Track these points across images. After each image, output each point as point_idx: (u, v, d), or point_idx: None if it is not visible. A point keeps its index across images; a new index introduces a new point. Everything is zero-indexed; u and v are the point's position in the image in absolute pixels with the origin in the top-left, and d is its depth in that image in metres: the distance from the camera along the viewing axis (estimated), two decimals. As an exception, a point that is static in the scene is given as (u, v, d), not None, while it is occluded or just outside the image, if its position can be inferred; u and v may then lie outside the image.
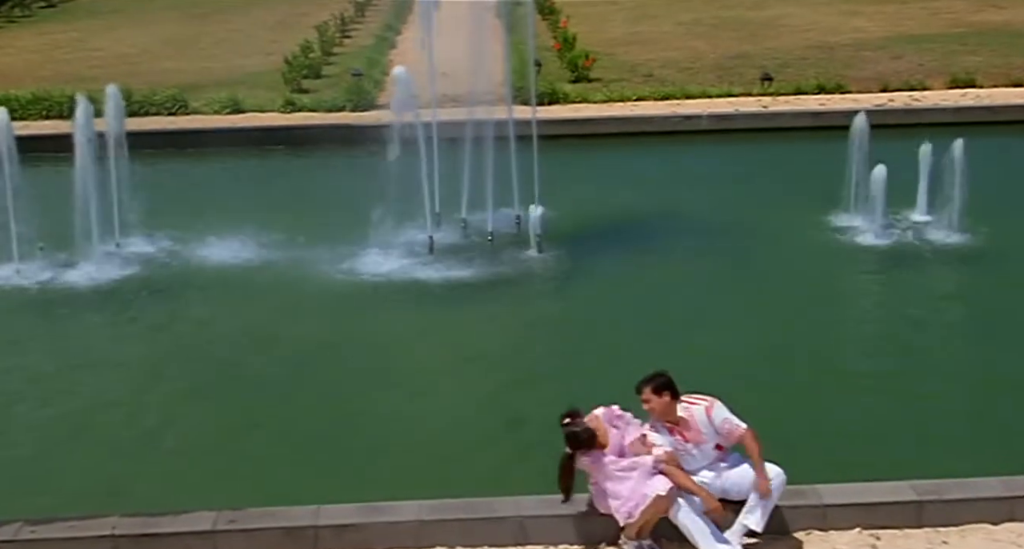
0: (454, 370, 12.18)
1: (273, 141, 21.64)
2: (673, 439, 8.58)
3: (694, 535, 8.37)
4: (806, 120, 21.98)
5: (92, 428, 11.04)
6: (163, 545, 8.57)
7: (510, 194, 16.57)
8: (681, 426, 8.58)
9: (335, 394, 11.64)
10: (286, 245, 16.01)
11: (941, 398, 11.30)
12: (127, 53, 31.86)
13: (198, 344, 13.05)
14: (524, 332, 13.25)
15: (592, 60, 26.57)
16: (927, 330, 13.05)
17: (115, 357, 12.71)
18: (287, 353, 12.68)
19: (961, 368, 12.04)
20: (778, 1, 38.21)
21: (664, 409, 8.54)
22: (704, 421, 8.56)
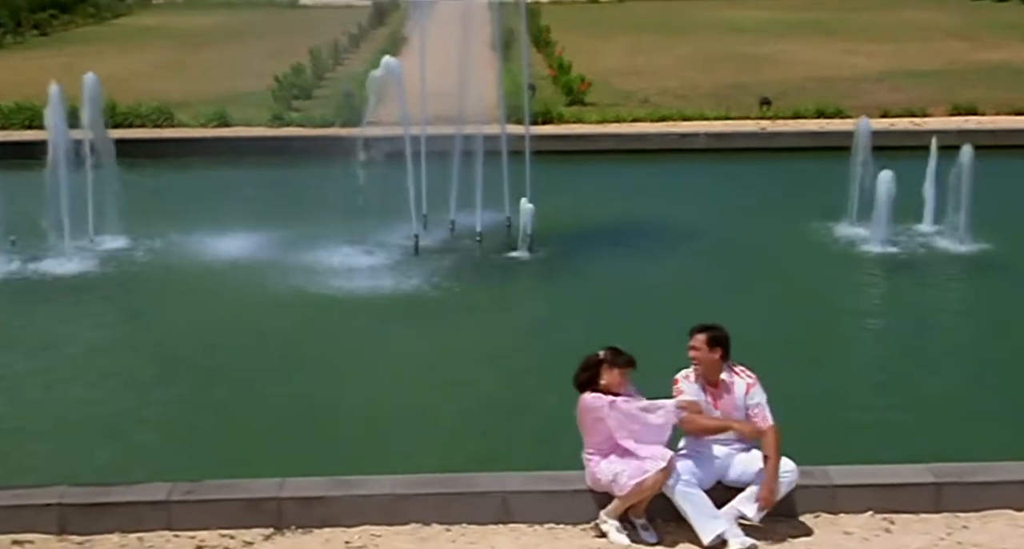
0: (431, 361, 11.51)
1: (259, 151, 21.00)
2: (704, 399, 7.92)
3: (688, 511, 7.68)
4: (806, 140, 21.47)
5: (41, 407, 10.44)
6: (113, 515, 7.85)
7: (501, 200, 16.01)
8: (719, 389, 7.93)
9: (306, 382, 11.03)
10: (266, 244, 15.45)
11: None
12: (116, 74, 31.15)
13: (164, 334, 12.46)
14: (506, 330, 12.64)
15: (587, 84, 26.13)
16: (940, 331, 12.46)
17: (74, 342, 12.18)
18: (256, 344, 12.13)
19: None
20: (775, 38, 38.03)
21: (710, 364, 7.91)
22: (741, 395, 7.91)
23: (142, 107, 23.44)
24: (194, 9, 50.97)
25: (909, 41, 36.96)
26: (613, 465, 7.74)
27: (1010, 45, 35.60)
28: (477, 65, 17.24)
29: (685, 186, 19.03)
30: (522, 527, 7.92)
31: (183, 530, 7.84)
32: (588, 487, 7.94)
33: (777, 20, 44.67)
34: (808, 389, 10.50)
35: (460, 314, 13.05)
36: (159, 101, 24.07)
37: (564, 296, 13.77)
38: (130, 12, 51.85)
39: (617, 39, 38.70)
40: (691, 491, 7.67)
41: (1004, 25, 41.35)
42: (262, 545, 7.76)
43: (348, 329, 12.51)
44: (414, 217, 15.17)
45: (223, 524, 7.85)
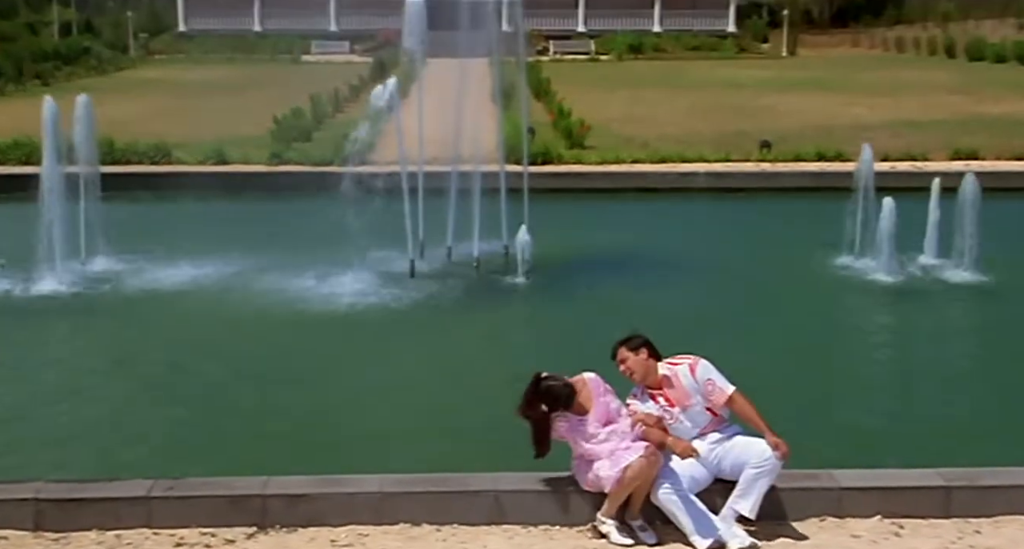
0: (417, 376, 11.26)
1: (256, 186, 20.84)
2: (657, 406, 7.62)
3: (678, 517, 7.36)
4: (806, 180, 21.35)
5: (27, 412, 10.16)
6: (91, 511, 7.52)
7: (499, 231, 15.83)
8: (664, 387, 7.63)
9: (291, 395, 10.75)
10: (259, 269, 15.23)
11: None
12: (115, 118, 31.13)
13: (156, 349, 12.19)
14: (496, 348, 12.38)
15: (587, 128, 26.07)
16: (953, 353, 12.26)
17: (60, 355, 12.00)
18: (240, 360, 11.87)
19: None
20: (775, 92, 38.17)
21: (643, 369, 7.61)
22: (688, 379, 7.60)
23: (140, 144, 23.32)
24: (197, 63, 51.22)
25: (909, 96, 37.10)
26: (596, 463, 7.46)
27: (1010, 99, 35.72)
28: (477, 113, 17.16)
29: (685, 221, 18.86)
30: (516, 528, 7.59)
31: (163, 528, 7.51)
32: (583, 488, 7.63)
33: (776, 78, 44.94)
34: (816, 408, 10.21)
35: (451, 331, 12.83)
36: (157, 139, 23.95)
37: (560, 320, 13.51)
38: (132, 65, 52.14)
39: (617, 92, 38.84)
40: (678, 497, 7.33)
41: (1004, 83, 41.58)
42: (244, 544, 7.43)
43: (332, 346, 12.31)
44: (410, 243, 14.97)
45: (204, 522, 7.53)
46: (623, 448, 7.40)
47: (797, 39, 62.21)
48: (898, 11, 70.49)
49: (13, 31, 56.87)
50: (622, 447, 7.41)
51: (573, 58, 55.56)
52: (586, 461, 7.54)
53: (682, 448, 7.45)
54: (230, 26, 60.20)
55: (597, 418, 7.55)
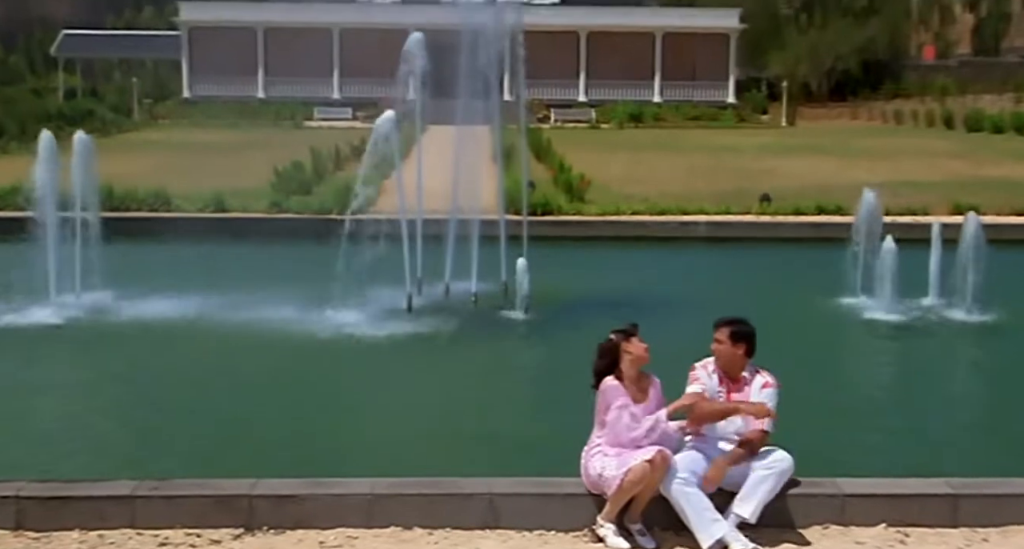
0: (415, 398, 11.08)
1: (255, 232, 20.76)
2: (718, 389, 7.49)
3: (687, 511, 7.16)
4: (806, 230, 21.29)
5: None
6: (73, 510, 7.31)
7: (497, 270, 15.70)
8: (738, 384, 7.51)
9: (290, 408, 10.61)
10: (254, 304, 15.04)
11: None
12: (116, 173, 31.16)
13: (152, 369, 12.14)
14: (490, 377, 12.21)
15: (587, 182, 26.08)
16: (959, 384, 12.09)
17: (50, 376, 11.94)
18: (234, 377, 11.92)
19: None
20: (774, 155, 38.32)
21: (731, 359, 7.51)
22: (756, 391, 7.49)
23: (139, 192, 23.30)
24: (200, 127, 51.49)
25: (908, 160, 37.23)
26: (605, 459, 7.27)
27: (1010, 164, 35.84)
28: (477, 170, 17.14)
29: (685, 266, 18.78)
30: (510, 532, 7.37)
31: (147, 528, 7.29)
32: (582, 491, 7.43)
33: (775, 144, 45.18)
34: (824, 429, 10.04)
35: (447, 359, 12.69)
36: (157, 187, 23.95)
37: (557, 351, 13.33)
38: (136, 128, 52.42)
39: (617, 154, 38.99)
40: (690, 490, 7.18)
41: (1003, 150, 41.77)
42: (230, 544, 7.21)
43: (325, 372, 12.23)
44: (408, 279, 14.85)
45: (190, 522, 7.31)
46: (631, 450, 7.23)
47: (796, 111, 62.68)
48: (896, 85, 71.03)
49: (18, 95, 57.27)
50: (631, 449, 7.24)
51: (574, 126, 55.87)
52: (600, 451, 7.33)
53: (757, 409, 7.34)
54: (234, 93, 60.64)
55: (647, 410, 7.39)
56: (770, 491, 7.26)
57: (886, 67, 74.00)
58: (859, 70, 71.82)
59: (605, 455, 7.32)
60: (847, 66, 70.86)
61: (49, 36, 73.25)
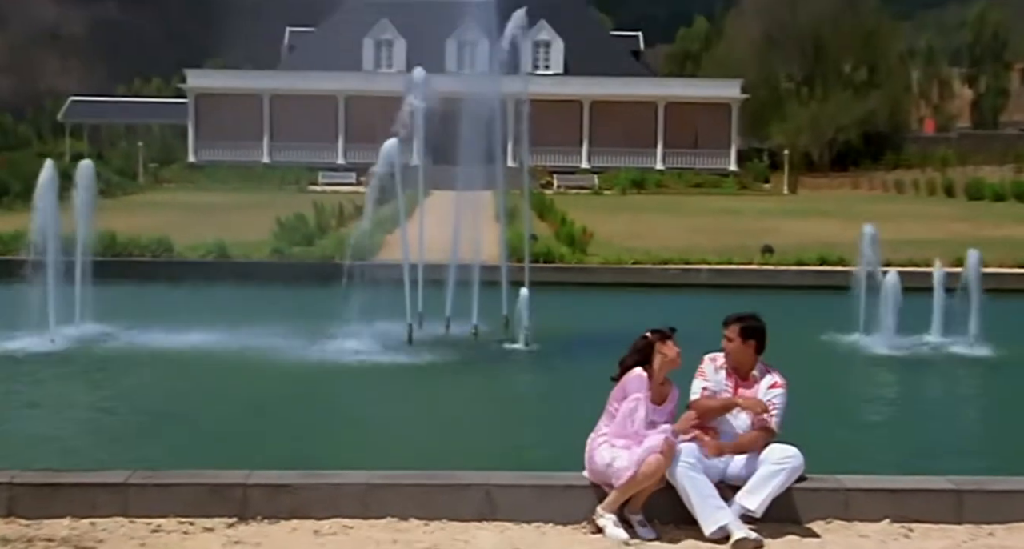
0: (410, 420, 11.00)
1: (258, 274, 20.73)
2: (725, 384, 7.43)
3: (691, 495, 7.07)
4: (809, 278, 21.31)
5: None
6: (65, 498, 7.22)
7: (498, 306, 15.66)
8: (748, 382, 7.44)
9: (286, 425, 10.51)
10: (253, 335, 15.03)
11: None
12: (120, 229, 31.47)
13: (151, 391, 12.06)
14: (486, 404, 12.11)
15: (589, 235, 26.13)
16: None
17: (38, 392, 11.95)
18: (234, 397, 11.95)
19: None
20: (776, 217, 38.43)
21: (741, 356, 7.44)
22: (764, 390, 7.43)
23: (142, 239, 23.36)
24: (204, 190, 51.76)
25: (910, 222, 37.27)
26: (613, 450, 7.18)
27: (1011, 226, 35.93)
28: (479, 226, 17.20)
29: (687, 309, 18.58)
30: (507, 525, 7.26)
31: (139, 517, 7.19)
32: (580, 484, 7.34)
33: (777, 208, 45.36)
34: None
35: (445, 386, 12.63)
36: (160, 234, 24.02)
37: (556, 379, 13.28)
38: (141, 191, 52.69)
39: (619, 215, 39.12)
40: (696, 475, 7.09)
41: (1004, 215, 41.93)
42: (224, 532, 7.10)
43: (323, 396, 12.22)
44: (408, 312, 14.81)
45: (183, 511, 7.22)
46: (639, 443, 7.16)
47: (798, 180, 62.99)
48: (897, 156, 71.52)
49: (24, 159, 57.63)
50: (639, 442, 7.18)
51: (577, 192, 56.11)
52: (607, 442, 7.25)
53: (754, 403, 7.31)
54: (239, 157, 61.03)
55: (661, 414, 7.35)
56: (779, 487, 7.18)
57: (887, 139, 74.59)
58: (860, 141, 72.37)
59: (613, 446, 7.23)
60: (848, 137, 71.41)
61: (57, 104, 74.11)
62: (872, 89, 75.33)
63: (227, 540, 6.93)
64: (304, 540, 6.97)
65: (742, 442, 7.30)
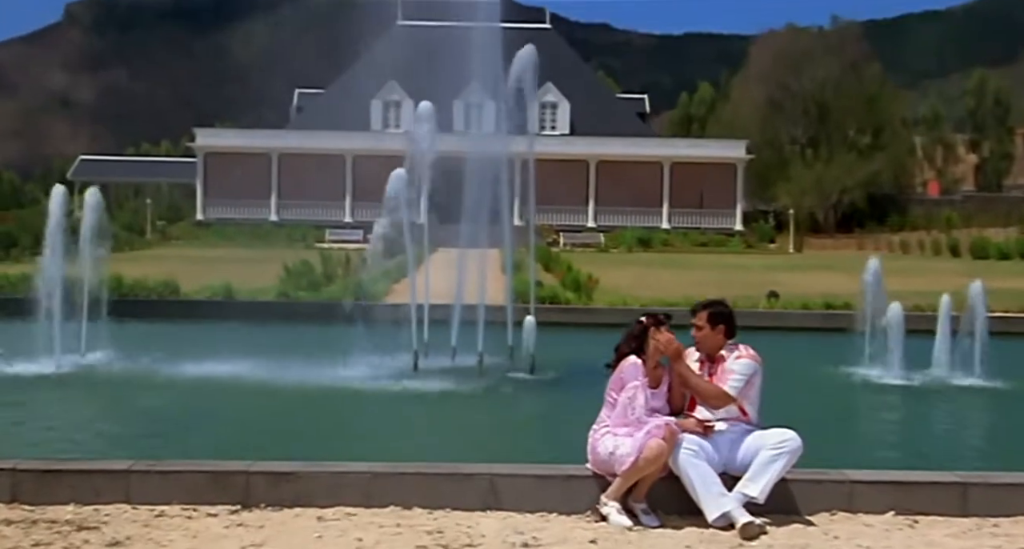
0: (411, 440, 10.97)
1: (264, 313, 20.76)
2: (700, 374, 7.46)
3: (695, 483, 7.04)
4: (815, 320, 21.30)
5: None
6: (68, 484, 7.22)
7: (504, 337, 15.68)
8: (716, 365, 7.46)
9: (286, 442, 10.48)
10: (259, 364, 15.03)
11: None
12: (127, 274, 31.60)
13: (157, 410, 12.01)
14: (489, 430, 12.05)
15: (595, 281, 26.18)
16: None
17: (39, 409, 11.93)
18: (237, 417, 11.85)
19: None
20: (782, 272, 38.49)
21: (710, 342, 7.48)
22: (730, 364, 7.44)
23: (148, 281, 23.45)
24: (212, 246, 52.01)
25: (916, 277, 37.31)
26: (616, 438, 7.18)
27: (1018, 279, 35.94)
28: (485, 275, 17.31)
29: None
30: (511, 514, 7.24)
31: (142, 503, 7.18)
32: (583, 474, 7.32)
33: (783, 264, 45.49)
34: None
35: (447, 407, 12.60)
36: (167, 277, 24.11)
37: (560, 403, 13.22)
38: (149, 246, 52.91)
39: (626, 269, 39.17)
40: (699, 462, 7.08)
41: (1010, 271, 41.94)
42: (227, 518, 7.08)
43: (324, 416, 12.18)
44: (414, 341, 14.82)
45: (186, 499, 7.21)
46: (639, 428, 7.17)
47: (803, 241, 63.17)
48: (902, 218, 71.76)
49: (32, 215, 58.00)
50: (637, 428, 7.20)
51: (583, 249, 56.30)
52: (609, 432, 7.25)
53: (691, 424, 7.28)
54: (247, 215, 61.45)
55: (659, 396, 7.39)
56: (779, 471, 7.14)
57: (892, 201, 74.93)
58: (865, 203, 72.71)
59: (615, 435, 7.24)
60: (853, 198, 71.72)
61: (66, 164, 74.72)
62: (876, 152, 75.82)
63: (230, 523, 6.91)
64: (307, 524, 6.95)
65: (697, 383, 7.31)
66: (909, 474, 7.61)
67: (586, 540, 6.77)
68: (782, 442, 7.18)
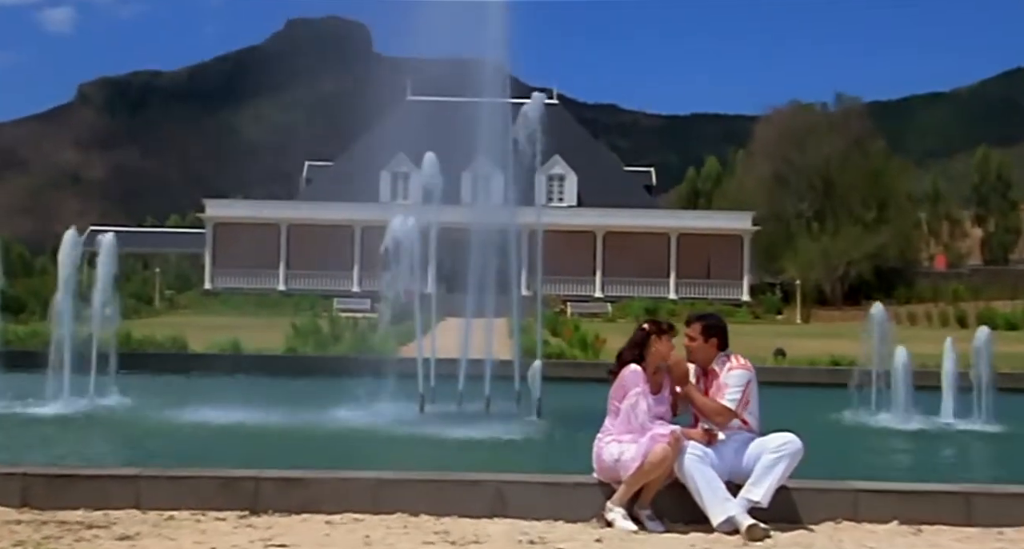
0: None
1: (272, 367, 20.82)
2: (698, 386, 7.57)
3: (700, 487, 7.10)
4: (822, 376, 21.25)
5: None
6: (78, 489, 7.30)
7: (511, 384, 15.71)
8: (709, 377, 7.56)
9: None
10: (266, 410, 15.06)
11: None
12: (136, 333, 31.72)
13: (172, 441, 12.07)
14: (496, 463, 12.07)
15: (603, 341, 26.24)
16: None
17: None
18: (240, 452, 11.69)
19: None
20: (789, 337, 38.50)
21: (703, 354, 7.59)
22: (724, 375, 7.55)
23: (156, 336, 23.58)
24: (219, 314, 52.17)
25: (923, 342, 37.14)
26: (621, 445, 7.26)
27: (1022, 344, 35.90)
28: (493, 338, 17.43)
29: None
30: (518, 521, 7.28)
31: (152, 509, 7.24)
32: (590, 482, 7.38)
33: (789, 331, 45.53)
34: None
35: (452, 446, 12.59)
36: (175, 333, 24.24)
37: (567, 442, 13.22)
38: (157, 315, 53.08)
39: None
40: (704, 468, 7.14)
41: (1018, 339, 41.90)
42: (236, 522, 7.13)
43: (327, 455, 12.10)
44: (420, 384, 14.87)
45: (195, 504, 7.28)
46: (647, 436, 7.25)
47: (811, 312, 63.21)
48: (909, 290, 71.80)
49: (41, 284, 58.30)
50: (641, 434, 7.28)
51: (591, 319, 56.36)
52: (614, 439, 7.33)
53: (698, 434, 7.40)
54: (255, 285, 61.74)
55: (661, 400, 7.47)
56: (781, 474, 7.21)
57: (899, 274, 75.03)
58: (872, 276, 72.79)
59: (620, 441, 7.32)
60: (859, 271, 71.85)
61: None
62: (882, 225, 76.14)
63: (240, 525, 6.96)
64: (316, 528, 7.00)
65: (700, 400, 7.39)
66: (913, 484, 7.63)
67: (592, 540, 6.81)
68: (782, 446, 7.26)
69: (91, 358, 16.08)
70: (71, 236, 15.76)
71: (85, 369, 16.01)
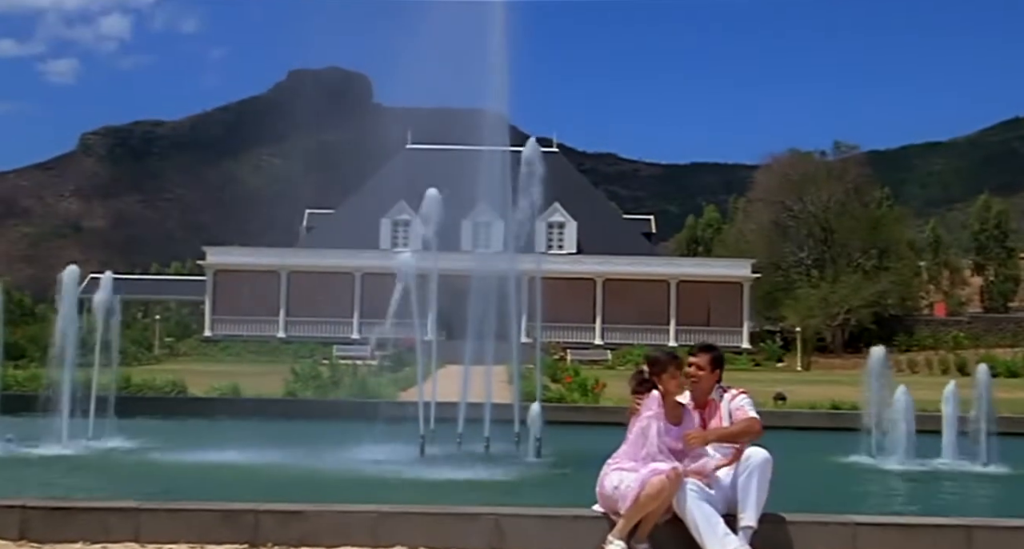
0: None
1: (272, 411, 20.78)
2: (696, 423, 7.60)
3: (699, 524, 7.11)
4: (823, 420, 21.27)
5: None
6: (77, 522, 7.30)
7: (510, 425, 15.70)
8: (707, 409, 7.59)
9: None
10: (268, 451, 15.05)
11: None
12: (136, 378, 31.69)
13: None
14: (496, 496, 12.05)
15: (603, 385, 26.21)
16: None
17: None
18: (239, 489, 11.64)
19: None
20: (788, 384, 38.43)
21: (706, 384, 7.66)
22: (726, 404, 7.60)
23: (156, 380, 23.57)
24: (219, 361, 52.14)
25: (924, 389, 37.08)
26: (622, 473, 7.27)
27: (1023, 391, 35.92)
28: (492, 384, 17.47)
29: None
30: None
31: (151, 542, 7.23)
32: (589, 515, 7.37)
33: (790, 378, 45.55)
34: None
35: (452, 486, 12.57)
36: (175, 376, 24.23)
37: (565, 490, 13.18)
38: (156, 362, 53.02)
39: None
40: (703, 503, 7.14)
41: (1017, 386, 41.92)
42: (234, 555, 7.13)
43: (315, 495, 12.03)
44: (421, 426, 14.86)
45: (195, 537, 7.26)
46: (648, 468, 7.26)
47: (811, 360, 63.17)
48: (909, 338, 71.78)
49: (42, 331, 58.28)
50: (644, 470, 7.28)
51: (590, 366, 56.29)
52: (619, 467, 7.34)
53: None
54: (255, 332, 61.73)
55: (677, 434, 7.46)
56: (757, 489, 7.30)
57: (899, 321, 75.01)
58: (872, 323, 72.74)
59: (622, 470, 7.33)
60: (859, 319, 71.82)
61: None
62: (881, 273, 76.24)
63: (238, 556, 6.95)
64: (314, 559, 6.99)
65: (731, 430, 7.40)
66: (913, 518, 7.62)
67: (591, 570, 6.81)
68: (745, 461, 7.32)
69: (90, 400, 16.11)
70: (72, 271, 15.79)
71: (84, 408, 16.05)
